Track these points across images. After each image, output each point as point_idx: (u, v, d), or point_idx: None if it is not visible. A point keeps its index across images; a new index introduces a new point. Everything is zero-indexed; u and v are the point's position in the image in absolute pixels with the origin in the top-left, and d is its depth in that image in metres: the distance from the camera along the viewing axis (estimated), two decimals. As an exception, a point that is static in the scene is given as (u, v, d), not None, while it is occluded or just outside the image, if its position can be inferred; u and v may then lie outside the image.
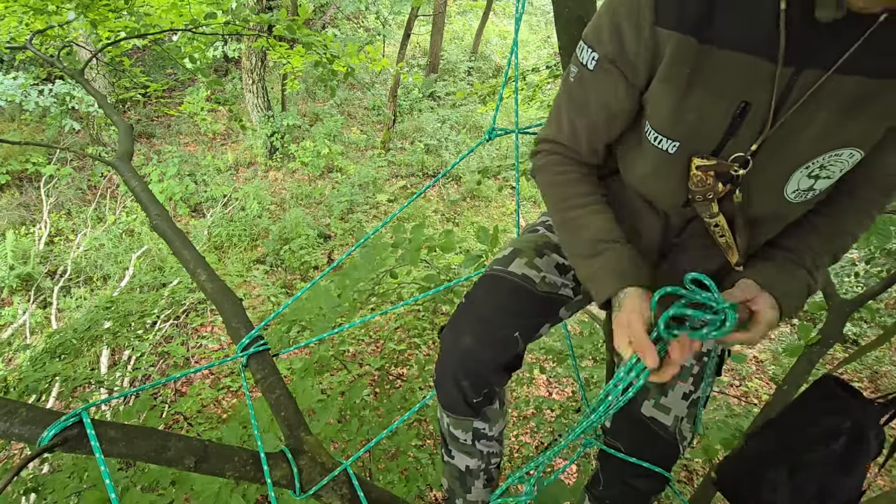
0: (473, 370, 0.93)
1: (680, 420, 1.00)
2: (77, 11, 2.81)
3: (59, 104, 6.58)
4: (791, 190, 0.73)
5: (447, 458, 1.11)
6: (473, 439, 1.05)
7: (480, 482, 1.10)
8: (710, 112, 0.69)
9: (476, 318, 0.95)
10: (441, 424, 1.09)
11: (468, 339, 0.92)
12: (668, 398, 0.99)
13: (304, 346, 1.64)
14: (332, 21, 10.96)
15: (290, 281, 6.22)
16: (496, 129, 1.41)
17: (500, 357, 0.93)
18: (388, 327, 4.07)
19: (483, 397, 0.97)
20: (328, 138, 8.72)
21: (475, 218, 7.96)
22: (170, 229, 1.60)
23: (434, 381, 1.01)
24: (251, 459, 0.97)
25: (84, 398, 3.18)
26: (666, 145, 0.74)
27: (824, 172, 0.71)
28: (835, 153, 0.69)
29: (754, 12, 0.61)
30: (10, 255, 5.87)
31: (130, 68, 3.63)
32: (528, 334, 0.96)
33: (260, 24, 3.25)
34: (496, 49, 13.00)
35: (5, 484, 0.75)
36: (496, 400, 1.02)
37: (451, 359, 0.94)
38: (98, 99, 2.36)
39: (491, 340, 0.92)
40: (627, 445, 1.07)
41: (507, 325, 0.93)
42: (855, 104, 0.64)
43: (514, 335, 0.92)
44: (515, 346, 0.93)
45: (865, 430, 0.94)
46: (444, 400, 1.01)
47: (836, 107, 0.65)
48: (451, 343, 0.94)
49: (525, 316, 0.95)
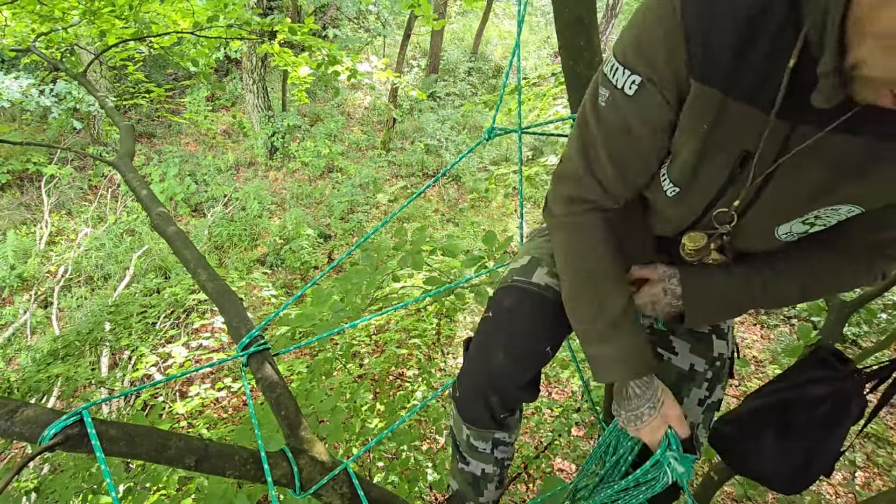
0: (505, 388, 0.92)
1: (696, 427, 0.98)
2: (86, 19, 2.83)
3: (61, 104, 6.59)
4: (783, 233, 0.73)
5: (461, 466, 1.10)
6: (492, 448, 1.04)
7: (493, 484, 1.09)
8: (715, 163, 0.68)
9: (508, 335, 0.91)
10: (457, 436, 1.07)
11: (500, 356, 0.89)
12: (684, 405, 0.97)
13: (305, 345, 1.64)
14: (333, 21, 10.96)
15: (290, 281, 6.22)
16: (496, 129, 1.41)
17: (531, 373, 0.92)
18: (389, 328, 4.07)
19: (510, 412, 0.97)
20: (328, 138, 8.72)
21: (475, 218, 7.96)
22: (170, 229, 1.61)
23: (455, 397, 1.00)
24: (251, 459, 0.97)
25: (85, 398, 3.19)
26: (669, 190, 0.74)
27: (820, 221, 0.70)
28: (832, 208, 0.67)
29: (772, 69, 0.59)
30: (10, 255, 5.88)
31: (133, 73, 3.64)
32: (557, 346, 0.95)
33: (262, 28, 3.25)
34: (496, 49, 13.00)
35: (7, 483, 0.75)
36: (518, 411, 1.02)
37: (480, 376, 0.93)
38: (100, 100, 2.37)
39: (524, 357, 0.90)
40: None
41: (539, 340, 0.91)
42: (852, 164, 0.62)
43: (546, 349, 0.91)
44: (546, 360, 0.92)
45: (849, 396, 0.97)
46: (467, 415, 0.99)
47: (831, 165, 0.63)
48: (481, 360, 0.92)
49: (554, 328, 0.93)
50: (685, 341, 0.99)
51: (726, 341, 1.00)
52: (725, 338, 1.00)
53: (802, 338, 1.67)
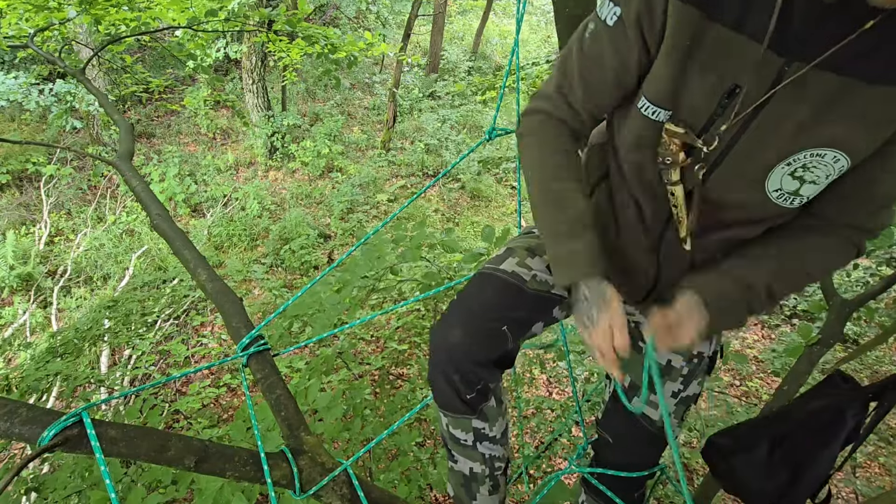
0: (463, 364, 0.93)
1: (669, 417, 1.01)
2: (79, 9, 2.82)
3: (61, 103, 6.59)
4: (773, 188, 0.73)
5: (451, 464, 1.10)
6: (475, 440, 1.04)
7: (486, 488, 1.08)
8: (701, 88, 0.69)
9: (464, 312, 0.95)
10: (441, 426, 1.08)
11: (456, 333, 0.92)
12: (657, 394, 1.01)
13: (305, 345, 1.64)
14: (333, 21, 10.97)
15: (290, 281, 6.22)
16: (496, 129, 1.41)
17: (489, 351, 0.93)
18: (389, 327, 4.07)
19: (476, 393, 0.96)
20: (328, 138, 8.72)
21: (475, 217, 7.96)
22: (170, 229, 1.61)
23: (428, 379, 1.01)
24: (251, 459, 0.97)
25: (84, 397, 3.18)
26: (657, 115, 0.74)
27: (809, 175, 0.70)
28: (816, 152, 0.68)
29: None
30: (10, 255, 5.87)
31: (132, 65, 3.64)
32: (519, 331, 0.96)
33: (260, 19, 3.26)
34: (496, 48, 13.00)
35: (6, 483, 0.75)
36: (491, 397, 1.01)
37: (440, 353, 0.94)
38: (99, 98, 2.36)
39: (479, 334, 0.92)
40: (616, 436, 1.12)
41: (494, 318, 0.93)
42: (837, 104, 0.64)
43: (503, 328, 0.92)
44: (505, 341, 0.93)
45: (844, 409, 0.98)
46: (438, 397, 1.00)
47: (817, 103, 0.64)
48: (440, 338, 0.94)
49: (513, 311, 0.95)
50: None
51: (709, 341, 1.03)
52: (709, 338, 1.02)
53: (803, 337, 1.66)
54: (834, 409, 0.98)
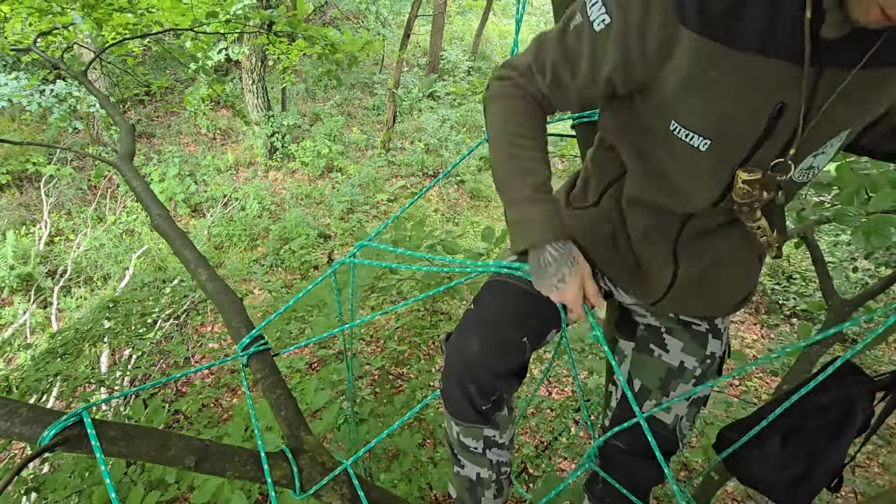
0: (480, 375, 0.91)
1: (680, 419, 1.01)
2: (82, 12, 2.82)
3: (62, 104, 6.59)
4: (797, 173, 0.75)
5: (457, 469, 1.09)
6: (484, 448, 1.02)
7: (491, 492, 1.08)
8: (742, 115, 0.68)
9: (482, 322, 0.93)
10: (449, 434, 1.06)
11: (474, 344, 0.90)
12: (670, 398, 1.00)
13: (305, 345, 1.65)
14: (333, 21, 10.97)
15: (290, 281, 6.22)
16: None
17: (508, 362, 0.91)
18: (388, 327, 4.07)
19: (492, 404, 0.95)
20: (328, 138, 8.72)
21: (475, 218, 7.96)
22: (171, 229, 1.61)
23: (440, 390, 0.99)
24: (251, 459, 0.97)
25: (85, 397, 3.18)
26: (697, 142, 0.72)
27: (826, 152, 0.74)
28: (837, 137, 0.72)
29: (775, 19, 0.61)
30: (10, 255, 5.88)
31: (133, 67, 3.64)
32: (536, 340, 0.95)
33: (261, 20, 3.27)
34: (496, 49, 12.99)
35: (6, 483, 0.75)
36: (505, 406, 1.00)
37: (457, 365, 0.93)
38: (100, 99, 2.36)
39: (498, 345, 0.90)
40: (627, 440, 1.07)
41: (514, 329, 0.91)
42: (878, 93, 0.67)
43: (522, 340, 0.91)
44: (523, 352, 0.92)
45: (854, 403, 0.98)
46: (451, 408, 0.98)
47: (859, 99, 0.67)
48: (457, 349, 0.92)
49: (532, 321, 0.94)
50: (678, 340, 1.01)
51: (721, 340, 1.02)
52: (721, 337, 1.02)
53: (803, 336, 1.67)
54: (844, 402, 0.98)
